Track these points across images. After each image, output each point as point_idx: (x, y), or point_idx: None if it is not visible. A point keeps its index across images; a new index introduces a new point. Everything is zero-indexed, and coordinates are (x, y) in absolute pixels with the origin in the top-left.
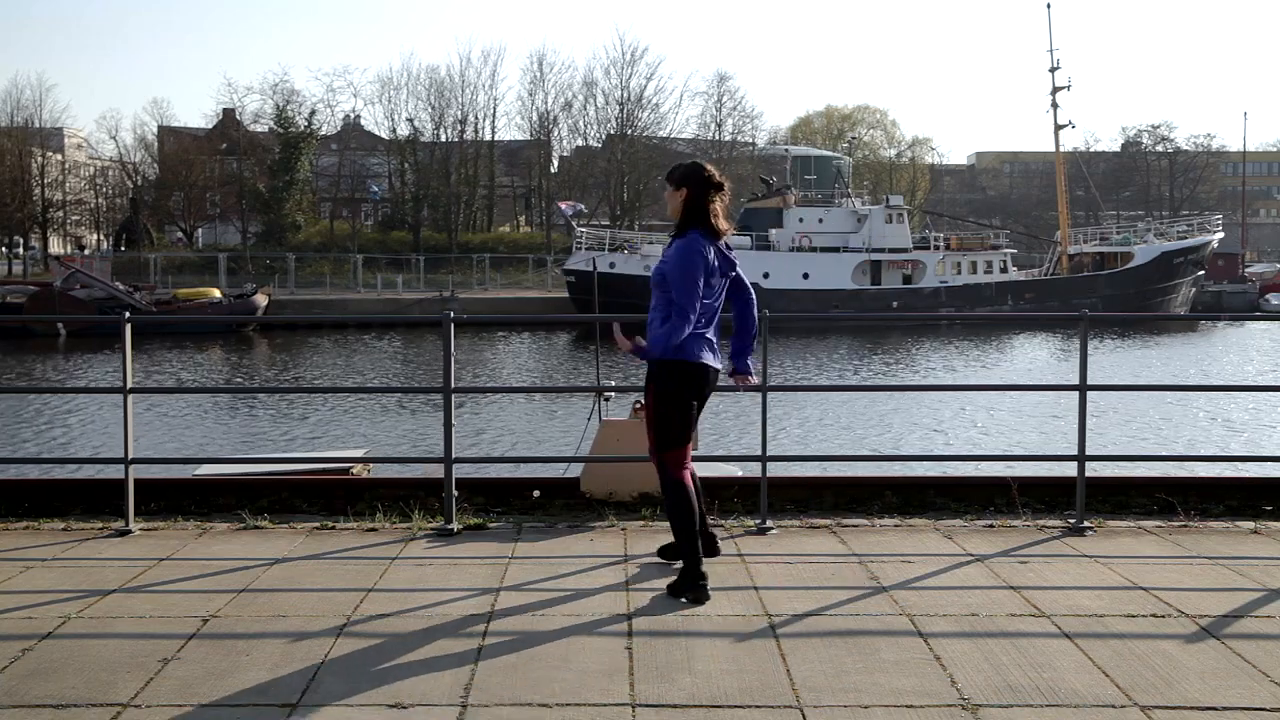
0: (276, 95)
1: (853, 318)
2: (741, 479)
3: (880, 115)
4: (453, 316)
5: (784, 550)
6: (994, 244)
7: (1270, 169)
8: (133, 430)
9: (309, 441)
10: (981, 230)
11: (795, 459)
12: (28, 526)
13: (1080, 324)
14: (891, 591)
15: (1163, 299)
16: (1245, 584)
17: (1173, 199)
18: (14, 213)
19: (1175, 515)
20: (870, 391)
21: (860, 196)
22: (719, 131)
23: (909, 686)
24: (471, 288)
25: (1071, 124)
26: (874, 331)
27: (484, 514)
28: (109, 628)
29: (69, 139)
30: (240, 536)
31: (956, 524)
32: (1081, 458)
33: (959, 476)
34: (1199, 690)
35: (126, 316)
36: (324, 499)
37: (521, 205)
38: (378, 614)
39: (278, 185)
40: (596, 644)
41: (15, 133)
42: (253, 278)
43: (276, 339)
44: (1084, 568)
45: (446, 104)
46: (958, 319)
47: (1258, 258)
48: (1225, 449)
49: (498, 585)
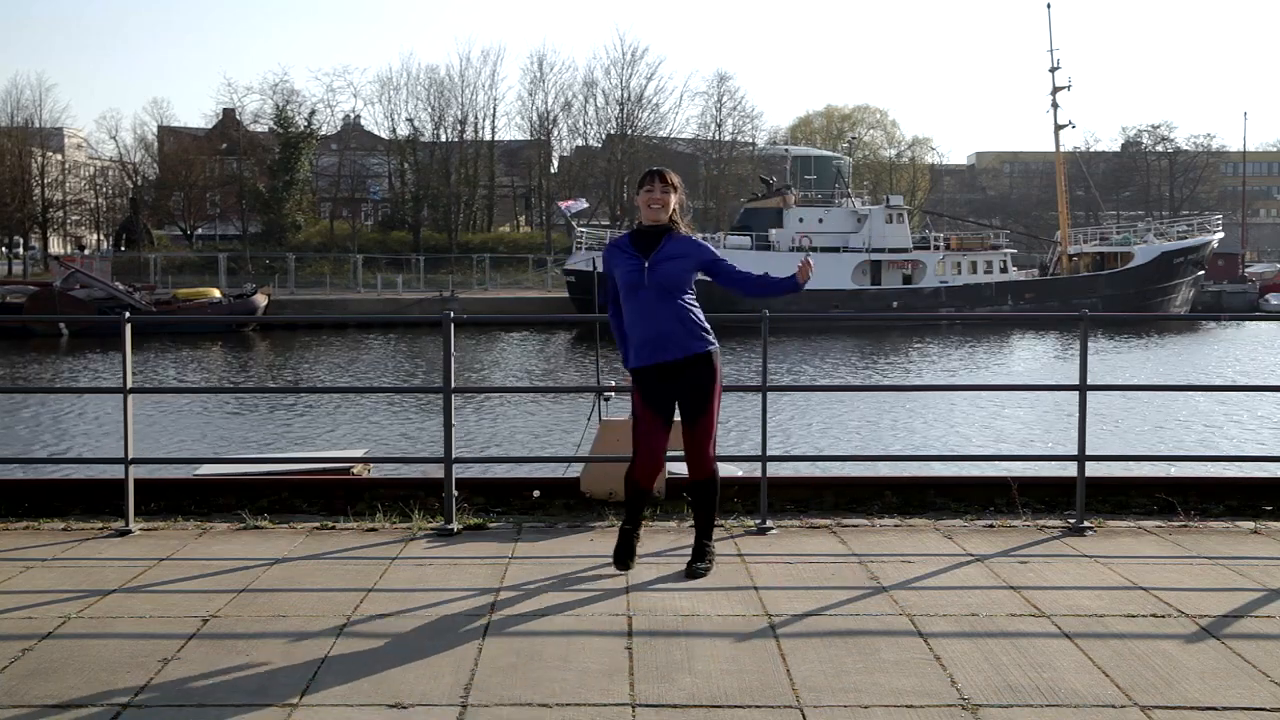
0: (276, 95)
1: (853, 318)
2: (741, 479)
3: (880, 115)
4: (453, 316)
5: (784, 550)
6: (994, 244)
7: (1270, 169)
8: (133, 430)
9: (309, 441)
10: (981, 230)
11: (795, 459)
12: (28, 526)
13: (1080, 324)
14: (891, 591)
15: (1163, 299)
16: (1245, 584)
17: (1173, 199)
18: (14, 213)
19: (1175, 515)
20: (870, 391)
21: (860, 196)
22: (719, 131)
23: (909, 686)
24: (471, 288)
25: (1071, 124)
26: (874, 331)
27: (484, 514)
28: (109, 628)
29: (69, 139)
30: (240, 536)
31: (956, 524)
32: (1081, 458)
33: (959, 476)
34: (1199, 690)
35: (126, 316)
36: (324, 499)
37: (521, 205)
38: (378, 614)
39: (278, 185)
40: (596, 644)
41: (15, 133)
42: (253, 278)
43: (276, 339)
44: (1084, 568)
45: (446, 104)
46: (958, 319)
47: (1258, 258)
48: (1225, 449)
49: (498, 585)
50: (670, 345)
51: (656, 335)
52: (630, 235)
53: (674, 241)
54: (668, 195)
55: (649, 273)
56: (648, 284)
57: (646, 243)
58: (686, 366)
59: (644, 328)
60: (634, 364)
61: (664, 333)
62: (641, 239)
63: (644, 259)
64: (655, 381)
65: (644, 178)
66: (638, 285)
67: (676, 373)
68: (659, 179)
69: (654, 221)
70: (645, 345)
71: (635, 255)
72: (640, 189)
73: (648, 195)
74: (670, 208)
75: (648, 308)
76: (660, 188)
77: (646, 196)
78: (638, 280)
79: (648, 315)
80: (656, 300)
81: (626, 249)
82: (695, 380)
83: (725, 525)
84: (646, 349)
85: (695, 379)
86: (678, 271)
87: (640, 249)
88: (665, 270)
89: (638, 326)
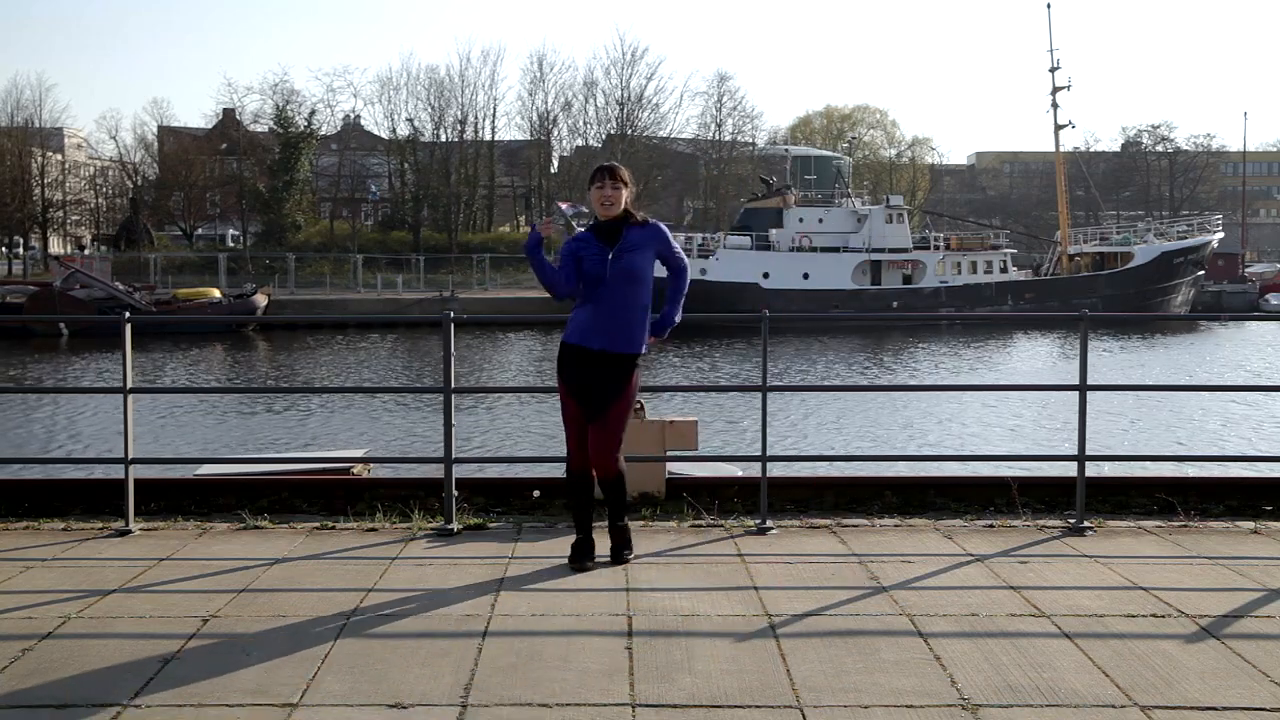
0: (276, 95)
1: (853, 318)
2: (741, 479)
3: (880, 115)
4: (453, 316)
5: (784, 550)
6: (994, 244)
7: (1270, 169)
8: (133, 430)
9: (309, 441)
10: (981, 230)
11: (795, 459)
12: (28, 526)
13: (1080, 324)
14: (891, 591)
15: (1163, 299)
16: (1245, 584)
17: (1173, 199)
18: (14, 213)
19: (1175, 515)
20: (870, 391)
21: (860, 196)
22: (719, 131)
23: (909, 686)
24: (471, 288)
25: (1071, 124)
26: (874, 331)
27: (484, 514)
28: (109, 628)
29: (69, 139)
30: (240, 536)
31: (956, 524)
32: (1081, 458)
33: (959, 476)
34: (1199, 690)
35: (126, 316)
36: (324, 499)
37: (521, 205)
38: (378, 614)
39: (278, 185)
40: (596, 644)
41: (15, 133)
42: (253, 278)
43: (277, 339)
44: (1084, 568)
45: (446, 104)
46: (958, 319)
47: (1258, 258)
48: (1225, 449)
49: (498, 585)
50: (614, 339)
51: (607, 326)
52: (592, 230)
53: (633, 231)
54: (619, 191)
55: (612, 264)
56: (610, 275)
57: (608, 236)
58: (609, 360)
59: (599, 315)
60: (566, 339)
61: (615, 327)
62: (602, 233)
63: (609, 249)
64: (574, 363)
65: (595, 174)
66: (601, 275)
67: (598, 362)
68: (609, 175)
69: (607, 217)
70: (587, 328)
71: (599, 246)
72: (591, 185)
73: (599, 192)
74: (622, 203)
75: (610, 297)
76: (611, 184)
77: (599, 194)
78: (601, 270)
79: (607, 303)
80: (619, 291)
81: (590, 242)
82: (610, 375)
83: (725, 525)
84: (586, 332)
85: (611, 374)
86: (641, 262)
87: (603, 241)
88: (629, 261)
89: (594, 313)
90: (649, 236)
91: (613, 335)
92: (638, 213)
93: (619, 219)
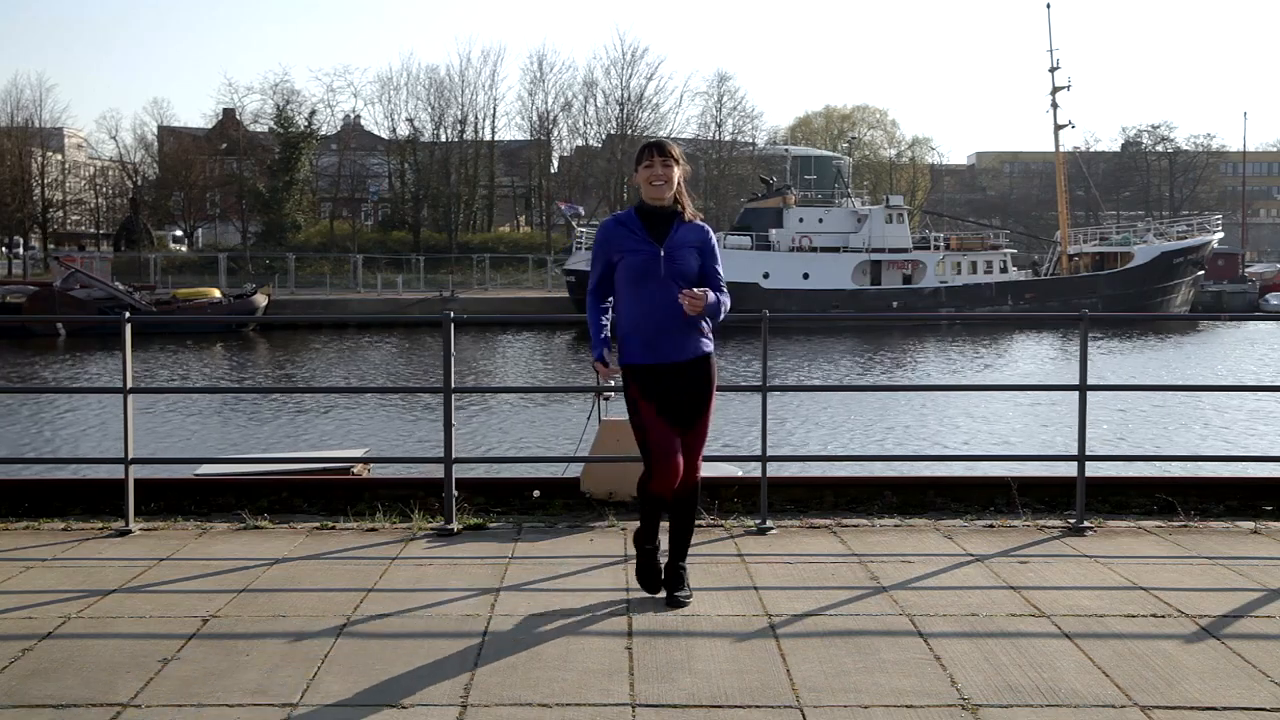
0: (276, 95)
1: (853, 318)
2: (741, 479)
3: (880, 115)
4: (453, 316)
5: (784, 550)
6: (994, 244)
7: (1270, 169)
8: (133, 430)
9: (309, 441)
10: (981, 230)
11: (795, 459)
12: (28, 526)
13: (1080, 324)
14: (891, 591)
15: (1162, 299)
16: (1245, 584)
17: (1173, 199)
18: (14, 213)
19: (1175, 515)
20: (870, 391)
21: (860, 196)
22: (719, 131)
23: (909, 686)
24: (471, 288)
25: (1071, 124)
26: (874, 331)
27: (484, 514)
28: (109, 628)
29: (69, 139)
30: (240, 536)
31: (956, 524)
32: (1081, 458)
33: (959, 476)
34: (1199, 690)
35: (126, 316)
36: (324, 499)
37: (521, 205)
38: (378, 614)
39: (278, 185)
40: (596, 644)
41: (15, 133)
42: (253, 278)
43: (276, 339)
44: (1084, 568)
45: (446, 104)
46: (958, 319)
47: (1258, 258)
48: (1225, 449)
49: (498, 585)
50: (684, 345)
51: (667, 332)
52: (637, 213)
53: (684, 228)
54: (670, 169)
55: (665, 262)
56: (664, 275)
57: (656, 227)
58: (690, 368)
59: (655, 322)
60: (636, 360)
61: (676, 330)
62: (650, 221)
63: (658, 246)
64: (656, 382)
65: (641, 152)
66: (651, 276)
67: (680, 373)
68: (658, 151)
69: (657, 201)
70: (652, 341)
71: (648, 241)
72: (638, 165)
73: (648, 172)
74: (675, 183)
75: (661, 301)
76: (661, 162)
77: (647, 173)
78: (653, 270)
79: (660, 309)
80: (670, 294)
81: (636, 230)
82: (697, 382)
83: (725, 525)
84: (653, 346)
85: (697, 380)
86: (693, 262)
87: (652, 233)
88: (683, 261)
89: (646, 320)
90: (699, 238)
91: (680, 342)
92: (688, 201)
93: (670, 209)
